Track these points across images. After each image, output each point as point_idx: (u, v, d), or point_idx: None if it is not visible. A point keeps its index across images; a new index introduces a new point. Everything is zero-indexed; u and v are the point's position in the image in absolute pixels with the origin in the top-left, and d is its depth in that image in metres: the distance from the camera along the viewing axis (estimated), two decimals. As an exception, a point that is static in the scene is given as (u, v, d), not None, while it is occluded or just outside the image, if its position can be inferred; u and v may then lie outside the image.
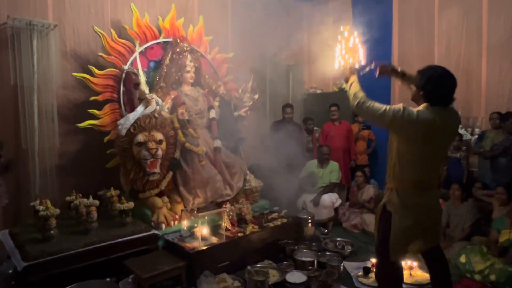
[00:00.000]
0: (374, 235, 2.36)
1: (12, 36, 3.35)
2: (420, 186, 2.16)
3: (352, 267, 3.29)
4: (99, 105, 3.63)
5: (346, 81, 2.36)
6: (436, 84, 2.12)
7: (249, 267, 2.92)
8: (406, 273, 2.95)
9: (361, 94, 2.22)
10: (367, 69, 2.44)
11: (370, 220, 4.30)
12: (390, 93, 5.90)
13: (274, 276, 2.98)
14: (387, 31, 5.82)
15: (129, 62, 3.74)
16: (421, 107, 2.17)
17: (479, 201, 4.05)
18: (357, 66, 2.39)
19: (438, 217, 2.35)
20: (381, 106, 2.13)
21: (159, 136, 3.31)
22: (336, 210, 4.60)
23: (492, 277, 3.03)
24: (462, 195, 3.88)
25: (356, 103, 2.21)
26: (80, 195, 3.12)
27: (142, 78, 3.58)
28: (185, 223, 3.25)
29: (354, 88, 2.27)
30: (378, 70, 2.42)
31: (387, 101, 5.82)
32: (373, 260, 3.26)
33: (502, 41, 4.75)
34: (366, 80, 2.43)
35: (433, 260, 2.32)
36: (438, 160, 2.22)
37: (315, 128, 5.52)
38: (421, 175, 2.14)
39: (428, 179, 2.18)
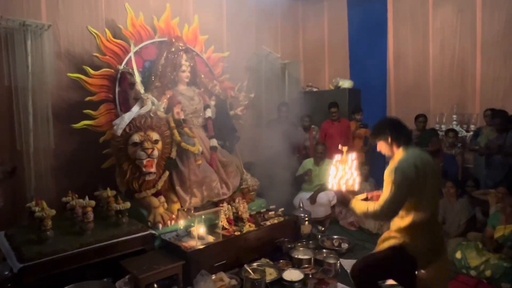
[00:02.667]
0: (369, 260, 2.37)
1: (5, 37, 3.33)
2: (434, 220, 2.29)
3: (349, 265, 3.28)
4: (94, 106, 3.62)
5: (346, 204, 2.45)
6: (396, 124, 2.36)
7: (246, 266, 2.93)
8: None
9: (370, 208, 2.23)
10: (363, 196, 2.51)
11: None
12: (386, 106, 5.95)
13: (271, 274, 2.99)
14: (382, 28, 5.84)
15: (124, 62, 3.72)
16: (402, 153, 2.27)
17: (474, 197, 4.07)
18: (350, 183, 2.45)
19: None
20: (387, 195, 2.16)
21: (154, 136, 3.30)
22: (332, 208, 4.62)
23: (488, 273, 3.06)
24: (457, 192, 3.90)
25: (375, 216, 2.24)
26: (76, 195, 3.11)
27: (137, 78, 3.57)
28: (181, 223, 3.25)
29: (359, 208, 2.31)
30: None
31: (383, 115, 5.90)
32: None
33: (496, 38, 4.78)
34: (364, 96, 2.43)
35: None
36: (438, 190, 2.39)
37: (312, 126, 5.52)
38: (433, 208, 2.27)
39: (437, 211, 2.36)
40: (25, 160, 3.45)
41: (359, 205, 2.31)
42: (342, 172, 2.43)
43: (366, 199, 2.43)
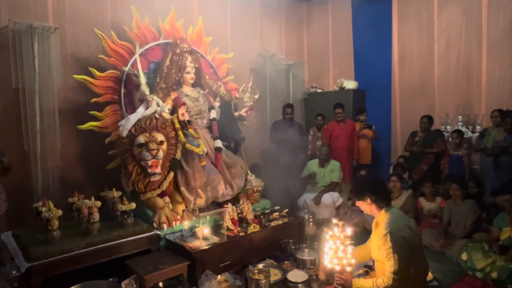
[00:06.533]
0: None
1: (13, 39, 3.38)
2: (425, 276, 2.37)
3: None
4: (100, 107, 3.65)
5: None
6: (375, 186, 2.39)
7: (250, 266, 2.93)
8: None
9: (380, 284, 2.22)
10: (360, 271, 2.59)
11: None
12: (391, 107, 5.92)
13: (275, 275, 2.99)
14: (387, 29, 5.82)
15: (129, 64, 3.75)
16: (386, 216, 2.30)
17: (478, 199, 4.04)
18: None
19: None
20: (392, 264, 2.16)
21: (160, 137, 3.32)
22: (337, 209, 4.61)
23: (494, 274, 3.04)
24: (463, 193, 3.88)
25: None
26: (82, 196, 3.15)
27: (143, 80, 3.59)
28: (186, 223, 3.27)
29: (365, 287, 2.30)
30: None
31: (388, 116, 5.84)
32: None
33: (502, 38, 4.74)
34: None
35: None
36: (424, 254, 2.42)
37: (325, 126, 5.50)
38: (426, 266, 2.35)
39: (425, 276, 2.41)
40: (32, 160, 3.50)
41: (364, 284, 2.30)
42: (336, 249, 2.46)
43: (366, 272, 2.53)
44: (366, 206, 2.40)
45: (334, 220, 2.60)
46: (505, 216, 3.35)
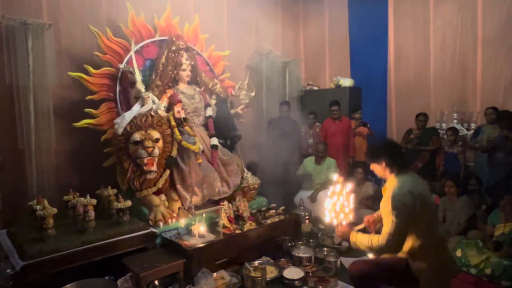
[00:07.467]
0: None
1: (7, 36, 3.34)
2: (435, 244, 2.27)
3: (349, 263, 3.30)
4: (96, 104, 3.62)
5: (347, 240, 2.40)
6: (392, 150, 2.35)
7: (246, 264, 2.94)
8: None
9: (375, 242, 2.21)
10: (360, 227, 2.58)
11: (365, 214, 4.31)
12: (387, 104, 5.94)
13: (271, 272, 3.00)
14: (383, 26, 5.84)
15: (124, 61, 3.72)
16: (394, 181, 2.27)
17: (475, 196, 4.07)
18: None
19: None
20: (389, 227, 2.15)
21: (155, 134, 3.31)
22: (333, 206, 4.62)
23: (488, 271, 3.07)
24: (458, 190, 3.90)
25: (381, 250, 2.20)
26: (78, 194, 3.12)
27: (138, 77, 3.57)
28: (182, 221, 3.27)
29: (362, 242, 2.28)
30: None
31: (384, 113, 5.84)
32: (370, 255, 3.29)
33: (497, 36, 4.77)
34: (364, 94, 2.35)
35: None
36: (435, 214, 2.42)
37: (316, 123, 5.51)
38: (432, 233, 2.26)
39: (436, 235, 2.30)
40: (26, 158, 3.47)
41: (361, 239, 2.29)
42: (338, 205, 2.44)
43: (364, 230, 2.48)
44: (380, 169, 2.38)
45: (335, 177, 2.59)
46: (499, 213, 3.38)
